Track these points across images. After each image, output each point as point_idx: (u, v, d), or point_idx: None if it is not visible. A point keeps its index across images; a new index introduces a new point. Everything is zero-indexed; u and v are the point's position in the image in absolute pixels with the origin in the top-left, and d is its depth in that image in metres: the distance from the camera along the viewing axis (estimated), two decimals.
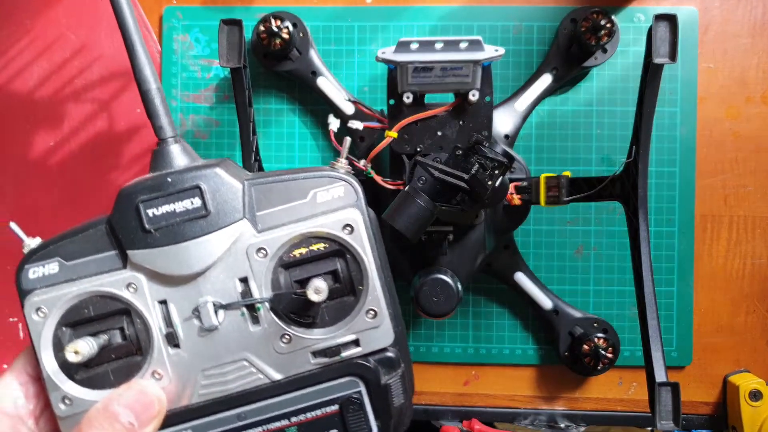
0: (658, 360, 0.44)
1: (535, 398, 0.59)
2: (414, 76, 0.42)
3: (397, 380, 0.32)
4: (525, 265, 0.56)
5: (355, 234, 0.31)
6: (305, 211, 0.31)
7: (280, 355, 0.31)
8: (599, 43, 0.53)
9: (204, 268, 0.30)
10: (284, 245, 0.31)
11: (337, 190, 0.32)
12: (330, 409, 0.31)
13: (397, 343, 0.32)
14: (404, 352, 0.33)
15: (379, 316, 0.31)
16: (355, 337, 0.31)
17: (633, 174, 0.45)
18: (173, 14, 0.58)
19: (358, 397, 0.31)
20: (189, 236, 0.30)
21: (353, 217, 0.31)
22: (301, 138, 0.58)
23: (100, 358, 0.31)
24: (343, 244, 0.31)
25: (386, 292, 0.32)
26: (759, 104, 0.57)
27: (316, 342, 0.31)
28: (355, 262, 0.31)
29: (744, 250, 0.57)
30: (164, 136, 0.33)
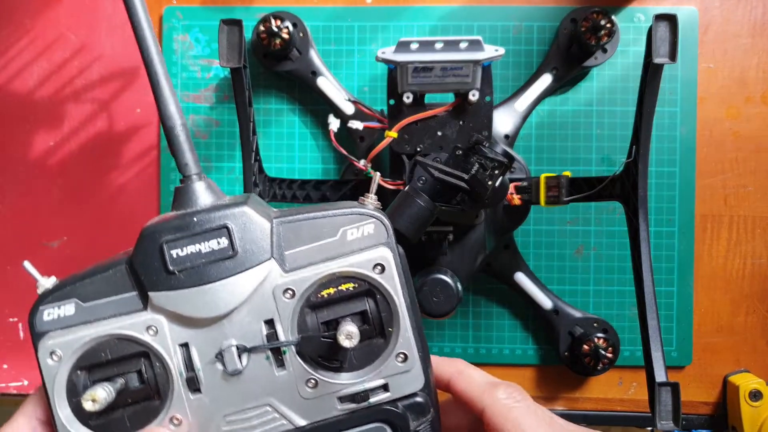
0: (658, 360, 0.44)
1: (535, 398, 0.58)
2: (414, 76, 0.42)
3: (427, 426, 0.31)
4: (525, 265, 0.56)
5: (386, 273, 0.30)
6: (334, 250, 0.30)
7: (306, 401, 0.30)
8: (599, 43, 0.53)
9: (229, 310, 0.29)
10: (312, 285, 0.30)
11: (367, 228, 0.30)
12: None
13: (426, 387, 0.31)
14: (434, 396, 0.32)
15: (410, 360, 0.30)
16: (384, 381, 0.30)
17: (633, 174, 0.45)
18: (173, 14, 0.58)
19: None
20: (214, 278, 0.29)
21: (384, 256, 0.30)
22: (301, 138, 0.58)
23: (117, 403, 0.30)
24: (374, 284, 0.30)
25: (416, 334, 0.30)
26: (759, 104, 0.57)
27: (343, 387, 0.30)
28: (385, 303, 0.30)
29: (744, 250, 0.57)
30: (189, 173, 0.32)
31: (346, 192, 0.52)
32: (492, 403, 0.32)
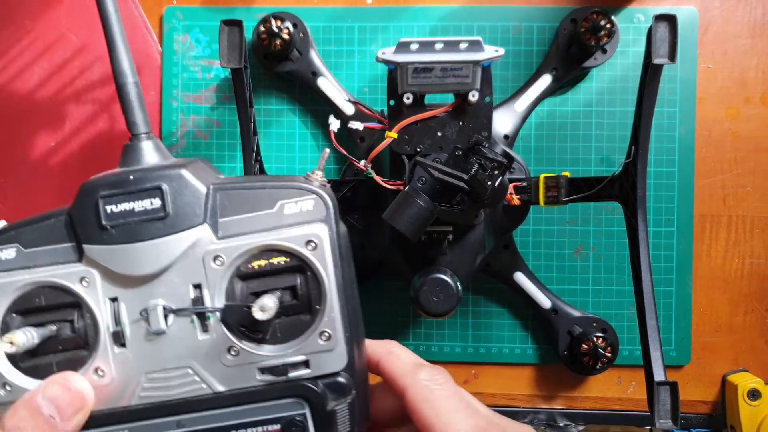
0: (657, 359, 0.44)
1: (534, 397, 0.59)
2: (414, 76, 0.43)
3: (345, 408, 0.31)
4: (524, 265, 0.56)
5: (318, 251, 0.30)
6: (270, 222, 0.30)
7: (226, 368, 0.30)
8: (599, 44, 0.53)
9: (158, 271, 0.30)
10: (242, 255, 0.30)
11: (306, 203, 0.30)
12: (271, 428, 0.30)
13: (350, 368, 0.31)
14: (359, 379, 0.31)
15: (333, 340, 0.30)
16: (305, 358, 0.30)
17: (632, 174, 0.45)
18: (174, 15, 0.58)
19: (302, 420, 0.30)
20: (145, 237, 0.29)
21: (318, 233, 0.30)
22: (302, 138, 0.59)
23: (47, 349, 0.31)
24: (304, 261, 0.30)
25: (345, 315, 0.30)
26: (758, 105, 0.57)
27: (264, 359, 0.30)
28: (315, 281, 0.30)
29: (743, 250, 0.57)
30: (137, 131, 0.32)
31: (347, 192, 0.52)
32: (413, 383, 0.32)
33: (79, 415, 0.30)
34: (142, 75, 0.59)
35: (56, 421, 0.29)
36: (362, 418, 0.32)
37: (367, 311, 0.59)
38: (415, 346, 0.59)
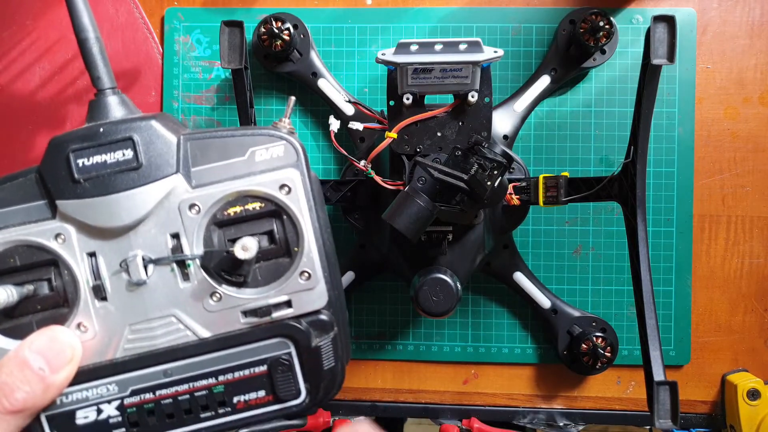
0: (657, 359, 0.44)
1: (533, 397, 0.59)
2: (413, 77, 0.43)
3: (328, 343, 0.32)
4: (524, 265, 0.56)
5: (292, 195, 0.31)
6: (242, 169, 0.31)
7: (210, 313, 0.31)
8: (598, 45, 0.53)
9: (134, 222, 0.30)
10: (218, 202, 0.30)
11: (276, 150, 0.31)
12: (258, 369, 0.31)
13: (331, 306, 0.32)
14: (340, 316, 0.33)
15: (313, 279, 0.31)
16: (287, 298, 0.31)
17: (631, 174, 0.45)
18: (175, 15, 0.59)
19: (288, 359, 0.31)
20: (119, 188, 0.30)
21: (291, 177, 0.31)
22: (302, 139, 0.59)
23: (26, 309, 0.30)
24: (280, 205, 0.31)
25: (323, 255, 0.31)
26: (757, 105, 0.57)
27: (246, 302, 0.31)
28: (291, 224, 0.31)
29: (742, 250, 0.58)
30: (102, 86, 0.32)
31: (347, 192, 0.52)
32: None
33: (68, 367, 0.30)
34: (143, 76, 0.59)
35: (45, 373, 0.29)
36: (345, 353, 0.33)
37: (367, 311, 0.59)
38: (415, 346, 0.59)
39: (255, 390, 0.31)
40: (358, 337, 0.59)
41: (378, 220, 0.52)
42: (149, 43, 0.59)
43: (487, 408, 0.59)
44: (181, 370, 0.31)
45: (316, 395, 0.32)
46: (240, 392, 0.31)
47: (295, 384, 0.31)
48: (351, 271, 0.56)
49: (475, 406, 0.59)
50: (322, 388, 0.32)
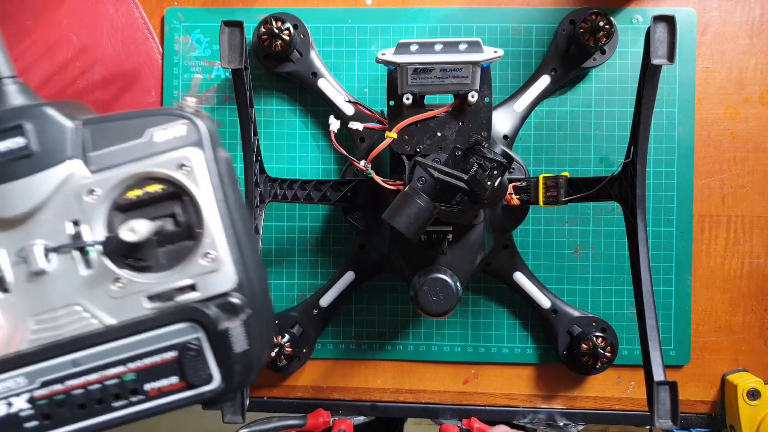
0: (657, 359, 0.44)
1: (533, 397, 0.59)
2: (413, 77, 0.43)
3: (239, 326, 0.30)
4: (524, 265, 0.56)
5: (192, 174, 0.30)
6: (141, 151, 0.30)
7: (114, 300, 0.30)
8: (598, 45, 0.53)
9: (31, 210, 0.29)
10: (117, 186, 0.30)
11: (177, 129, 0.30)
12: (168, 355, 0.30)
13: (242, 287, 0.31)
14: (256, 298, 0.31)
15: (217, 260, 0.30)
16: (191, 281, 0.30)
17: (631, 174, 0.45)
18: (175, 15, 0.59)
19: (197, 344, 0.30)
20: (12, 176, 0.29)
21: (188, 156, 0.30)
22: (302, 139, 0.59)
23: None
24: (179, 185, 0.30)
25: (231, 236, 0.30)
26: (757, 105, 0.57)
27: (150, 286, 0.30)
28: (193, 205, 0.30)
29: (742, 250, 0.58)
30: (0, 75, 0.32)
31: (347, 192, 0.52)
32: None
33: None
34: (142, 76, 0.59)
35: None
36: (265, 335, 0.32)
37: (367, 311, 0.59)
38: (415, 346, 0.59)
39: (167, 376, 0.30)
40: (358, 337, 0.59)
41: (378, 220, 0.52)
42: (149, 43, 0.59)
43: (487, 408, 0.59)
44: (89, 359, 0.30)
45: (232, 380, 0.31)
46: (152, 379, 0.30)
47: (207, 369, 0.30)
48: (351, 271, 0.56)
49: (475, 406, 0.59)
50: (237, 373, 0.31)
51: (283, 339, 0.55)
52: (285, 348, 0.55)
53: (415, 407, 0.59)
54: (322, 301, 0.56)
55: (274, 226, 0.59)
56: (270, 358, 0.33)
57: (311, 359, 0.59)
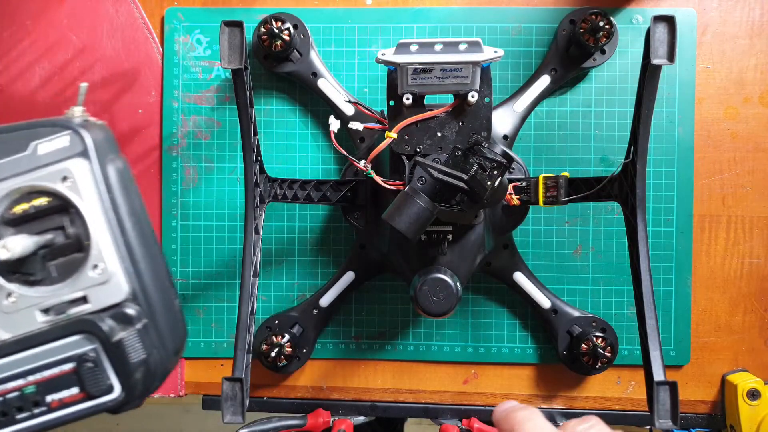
0: (657, 359, 0.44)
1: (533, 397, 0.59)
2: (413, 77, 0.43)
3: (134, 336, 0.30)
4: (524, 265, 0.56)
5: (75, 186, 0.30)
6: (25, 165, 0.30)
7: (7, 315, 0.30)
8: (598, 45, 0.53)
9: None
10: (1, 201, 0.30)
11: (61, 141, 0.30)
12: (66, 367, 0.30)
13: (135, 297, 0.31)
14: (153, 306, 0.31)
15: (106, 272, 0.30)
16: (82, 293, 0.30)
17: (631, 174, 0.45)
18: (175, 15, 0.59)
19: (94, 355, 0.30)
20: None
21: (70, 168, 0.30)
22: (302, 139, 0.59)
23: None
24: (63, 198, 0.30)
25: (121, 246, 0.30)
26: (757, 105, 0.57)
27: (43, 300, 0.30)
28: (79, 216, 0.30)
29: (742, 250, 0.58)
30: None
31: (347, 192, 0.52)
32: None
33: None
34: (142, 76, 0.59)
35: None
36: (169, 341, 0.32)
37: (367, 311, 0.59)
38: (415, 346, 0.59)
39: (67, 388, 0.30)
40: (358, 337, 0.59)
41: (378, 220, 0.52)
42: (149, 43, 0.59)
43: (487, 408, 0.59)
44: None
45: (134, 389, 0.31)
46: (52, 391, 0.30)
47: (106, 380, 0.30)
48: (351, 271, 0.56)
49: (475, 406, 0.59)
50: (138, 381, 0.31)
51: (283, 339, 0.55)
52: (285, 348, 0.55)
53: (415, 407, 0.59)
54: (322, 301, 0.57)
55: (274, 226, 0.59)
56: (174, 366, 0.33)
57: (311, 359, 0.59)
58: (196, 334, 0.59)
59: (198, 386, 0.60)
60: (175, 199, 0.59)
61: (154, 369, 0.32)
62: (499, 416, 0.34)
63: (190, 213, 0.59)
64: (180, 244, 0.59)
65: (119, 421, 1.46)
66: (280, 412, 0.59)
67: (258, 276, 0.48)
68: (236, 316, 0.47)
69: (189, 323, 0.59)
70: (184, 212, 0.59)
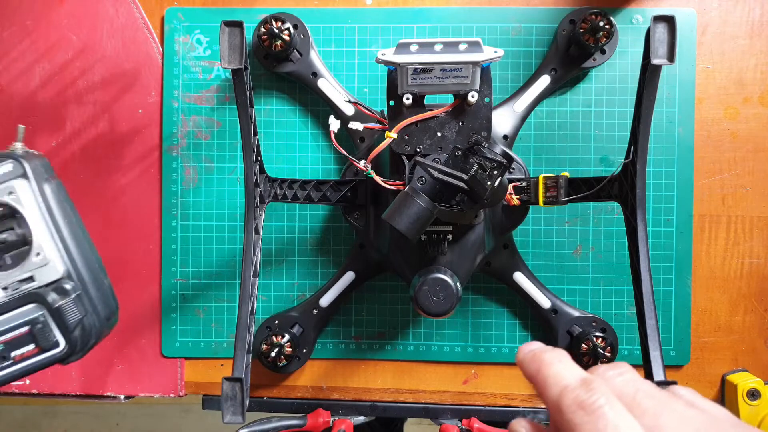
0: (657, 359, 0.44)
1: (533, 397, 0.59)
2: (413, 77, 0.43)
3: (70, 303, 0.42)
4: (524, 265, 0.56)
5: (18, 198, 0.42)
6: None
7: None
8: (598, 45, 0.53)
9: None
10: None
11: (5, 167, 0.42)
12: (24, 329, 0.41)
13: (69, 275, 0.42)
14: (83, 281, 0.43)
15: (45, 258, 0.42)
16: (30, 274, 0.42)
17: (631, 174, 0.45)
18: (175, 15, 0.59)
19: (42, 318, 0.41)
20: None
21: (13, 185, 0.42)
22: (302, 139, 0.59)
23: None
24: (10, 206, 0.42)
25: (57, 239, 0.42)
26: (756, 105, 0.57)
27: (1, 281, 0.42)
28: (24, 220, 0.42)
29: (742, 250, 0.58)
30: None
31: (347, 192, 0.52)
32: None
33: None
34: (143, 76, 0.59)
35: None
36: (99, 306, 0.44)
37: (367, 311, 0.59)
38: (415, 346, 0.59)
39: (26, 345, 0.42)
40: (358, 337, 0.59)
41: (378, 220, 0.52)
42: (149, 43, 0.59)
43: (487, 408, 0.59)
44: None
45: (75, 343, 0.42)
46: (15, 348, 0.41)
47: (53, 336, 0.42)
48: (351, 271, 0.56)
49: (475, 406, 0.59)
50: (78, 337, 0.42)
51: (283, 339, 0.55)
52: (285, 348, 0.55)
53: (415, 407, 0.59)
54: (322, 301, 0.57)
55: (274, 226, 0.59)
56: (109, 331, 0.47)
57: (311, 359, 0.59)
58: (196, 334, 0.59)
59: (198, 386, 0.60)
60: (175, 199, 0.59)
61: (89, 328, 0.43)
62: (523, 357, 0.31)
63: (190, 213, 0.59)
64: (180, 244, 0.59)
65: (119, 421, 1.46)
66: (280, 412, 0.59)
67: (258, 276, 0.48)
68: (236, 316, 0.47)
69: (189, 323, 0.59)
70: (184, 212, 0.59)
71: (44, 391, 0.60)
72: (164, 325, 0.59)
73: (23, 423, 1.49)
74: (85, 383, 0.60)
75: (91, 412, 1.47)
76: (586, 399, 0.27)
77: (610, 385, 0.28)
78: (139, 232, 0.59)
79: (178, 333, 0.59)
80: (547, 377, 0.29)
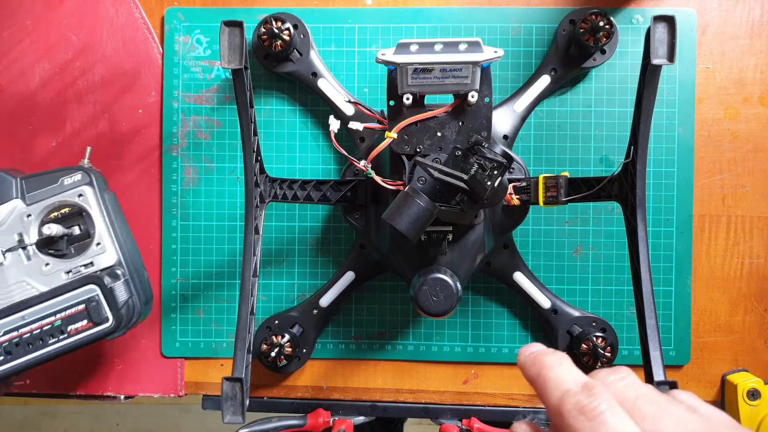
0: (657, 359, 0.44)
1: (533, 397, 0.59)
2: (413, 77, 0.43)
3: (120, 284, 0.50)
4: (524, 265, 0.56)
5: (84, 198, 0.51)
6: (56, 190, 0.51)
7: (45, 276, 0.50)
8: (598, 45, 0.53)
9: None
10: (43, 211, 0.51)
11: (76, 176, 0.51)
12: (80, 306, 0.49)
13: (120, 262, 0.51)
14: (131, 268, 0.52)
15: (102, 246, 0.51)
16: (90, 260, 0.51)
17: (631, 174, 0.45)
18: (175, 15, 0.59)
19: (96, 297, 0.49)
20: None
21: (83, 189, 0.51)
22: (302, 139, 0.59)
23: None
24: (78, 206, 0.51)
25: (112, 233, 0.51)
26: (756, 105, 0.57)
27: (67, 266, 0.50)
28: (89, 217, 0.51)
29: (742, 250, 0.58)
30: None
31: (347, 192, 0.52)
32: None
33: None
34: (143, 76, 0.59)
35: None
36: (142, 291, 0.52)
37: (367, 311, 0.59)
38: (415, 346, 0.59)
39: (81, 320, 0.49)
40: (358, 337, 0.59)
41: (378, 220, 0.52)
42: (149, 43, 0.59)
43: (487, 408, 0.59)
44: (32, 315, 0.49)
45: (120, 320, 0.49)
46: (72, 323, 0.49)
47: (104, 313, 0.49)
48: (351, 271, 0.56)
49: (475, 406, 0.59)
50: (124, 315, 0.50)
51: (283, 339, 0.55)
52: (285, 348, 0.55)
53: (415, 407, 0.59)
54: (322, 301, 0.57)
55: (274, 226, 0.59)
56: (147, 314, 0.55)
57: (311, 359, 0.59)
58: (196, 334, 0.59)
59: (198, 386, 0.60)
60: (175, 199, 0.59)
61: (132, 308, 0.51)
62: (524, 359, 0.31)
63: (190, 213, 0.59)
64: (180, 244, 0.59)
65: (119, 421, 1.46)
66: (280, 412, 0.59)
67: (258, 276, 0.48)
68: (236, 316, 0.47)
69: (189, 323, 0.59)
70: (184, 212, 0.59)
71: (44, 391, 0.60)
72: (164, 325, 0.59)
73: (23, 423, 1.49)
74: (85, 383, 0.60)
75: (91, 412, 1.47)
76: (587, 404, 0.27)
77: (611, 390, 0.28)
78: (139, 232, 0.59)
79: (178, 333, 0.59)
80: (547, 381, 0.29)
